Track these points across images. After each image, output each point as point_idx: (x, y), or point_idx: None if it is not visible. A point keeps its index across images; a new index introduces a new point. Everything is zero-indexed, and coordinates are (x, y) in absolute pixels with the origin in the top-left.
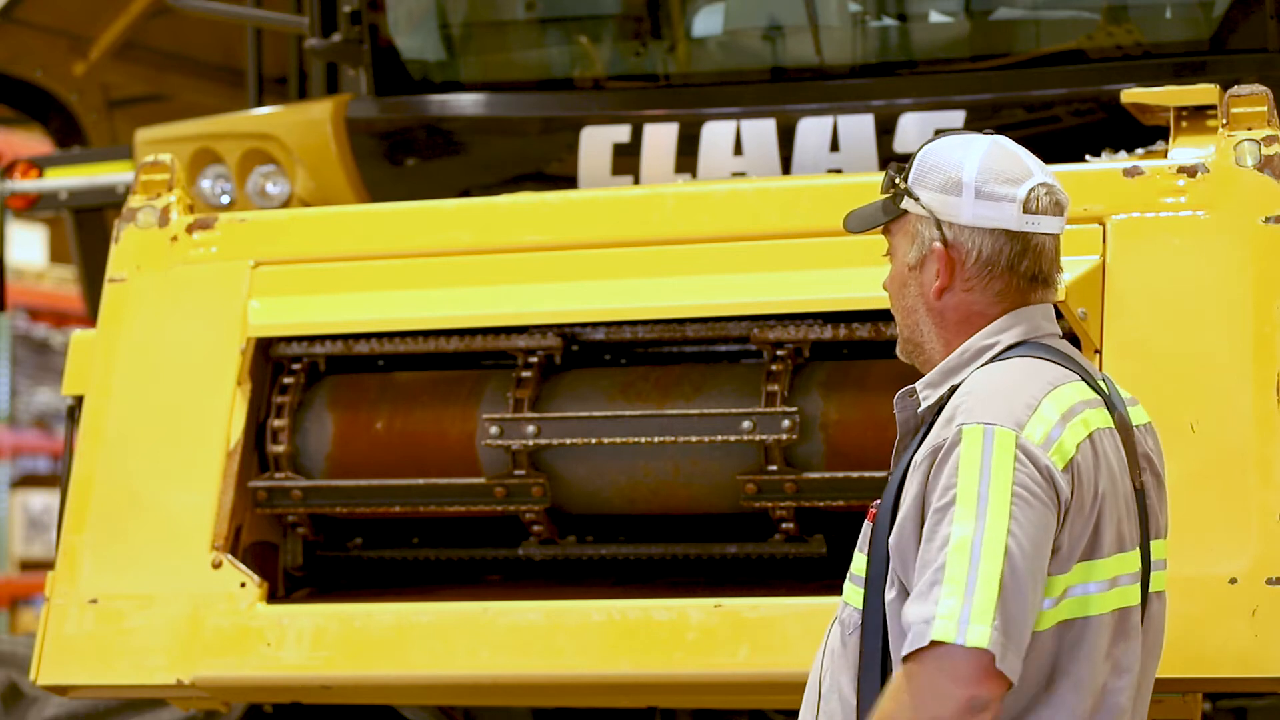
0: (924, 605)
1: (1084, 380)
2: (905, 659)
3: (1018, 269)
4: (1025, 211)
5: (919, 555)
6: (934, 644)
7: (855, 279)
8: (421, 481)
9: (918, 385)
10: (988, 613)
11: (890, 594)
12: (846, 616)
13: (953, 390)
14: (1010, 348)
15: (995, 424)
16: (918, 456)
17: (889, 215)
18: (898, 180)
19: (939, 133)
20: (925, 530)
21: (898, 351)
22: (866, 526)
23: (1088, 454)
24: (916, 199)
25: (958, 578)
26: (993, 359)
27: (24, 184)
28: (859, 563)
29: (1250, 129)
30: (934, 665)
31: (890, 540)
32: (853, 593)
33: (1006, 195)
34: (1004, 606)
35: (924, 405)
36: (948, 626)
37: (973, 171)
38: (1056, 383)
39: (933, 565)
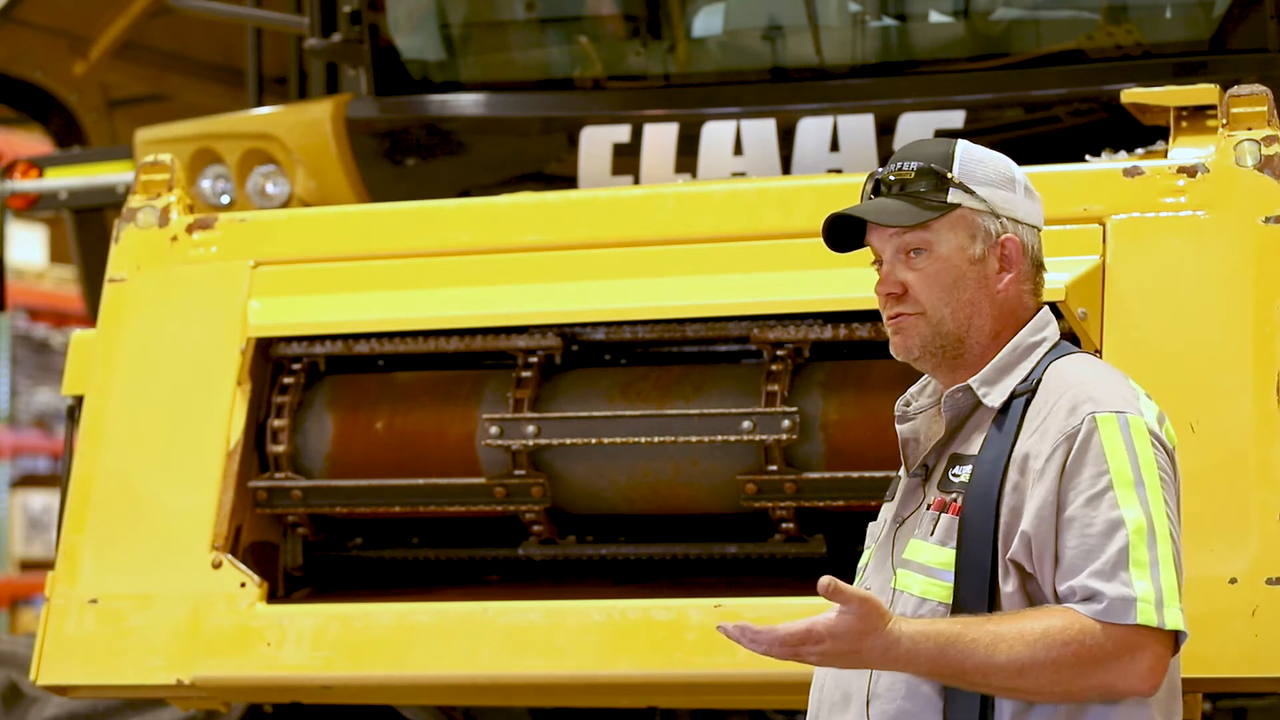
0: (1114, 585)
1: None
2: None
3: (1043, 265)
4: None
5: (1074, 540)
6: (1136, 626)
7: (855, 279)
8: (421, 481)
9: (972, 383)
10: (1175, 595)
11: (1008, 587)
12: (927, 612)
13: (1028, 385)
14: (1055, 345)
15: (1125, 411)
16: (1029, 446)
17: (939, 209)
18: (948, 174)
19: (938, 135)
20: (1075, 515)
21: (907, 347)
22: (943, 519)
23: None
24: (972, 193)
25: (1142, 561)
26: (1046, 354)
27: (24, 184)
28: (941, 555)
29: (1250, 129)
30: (1133, 644)
31: (1024, 527)
32: (931, 587)
33: (1037, 195)
34: (1181, 588)
35: (989, 401)
36: (1149, 611)
37: (1017, 169)
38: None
39: (1106, 549)
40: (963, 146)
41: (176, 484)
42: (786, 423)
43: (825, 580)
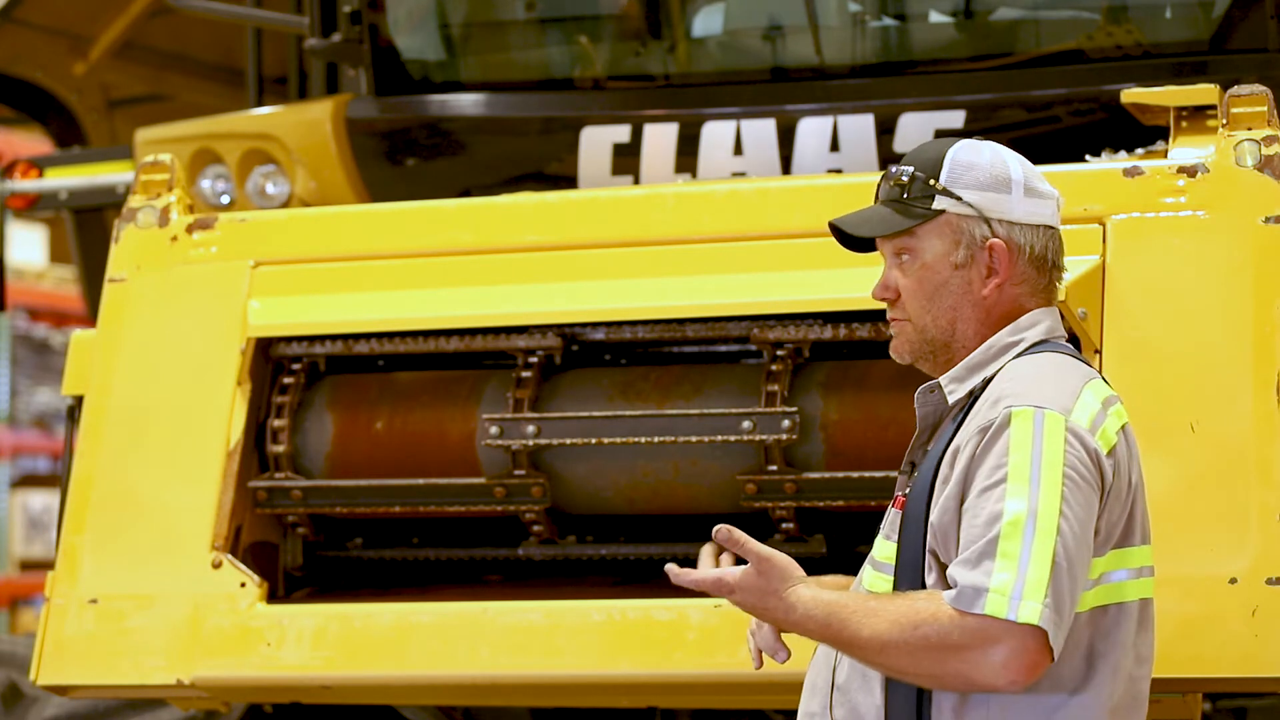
0: (973, 573)
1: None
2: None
3: (1058, 264)
4: (1058, 209)
5: (962, 530)
6: (983, 616)
7: (855, 279)
8: (421, 481)
9: (942, 380)
10: (1040, 590)
11: (930, 578)
12: None
13: (985, 383)
14: (1034, 345)
15: (1045, 407)
16: (959, 439)
17: (917, 218)
18: (931, 181)
19: (938, 135)
20: (970, 505)
21: (901, 352)
22: (894, 514)
23: (1123, 443)
24: (957, 198)
25: (1011, 553)
26: (1020, 354)
27: (24, 184)
28: (887, 550)
29: (1250, 129)
30: (982, 635)
31: (932, 519)
32: (878, 580)
33: (1047, 193)
34: (1055, 585)
35: (952, 399)
36: (999, 601)
37: (1018, 170)
38: (1090, 375)
39: (982, 538)
40: (956, 150)
41: (176, 484)
42: (786, 423)
43: (721, 528)
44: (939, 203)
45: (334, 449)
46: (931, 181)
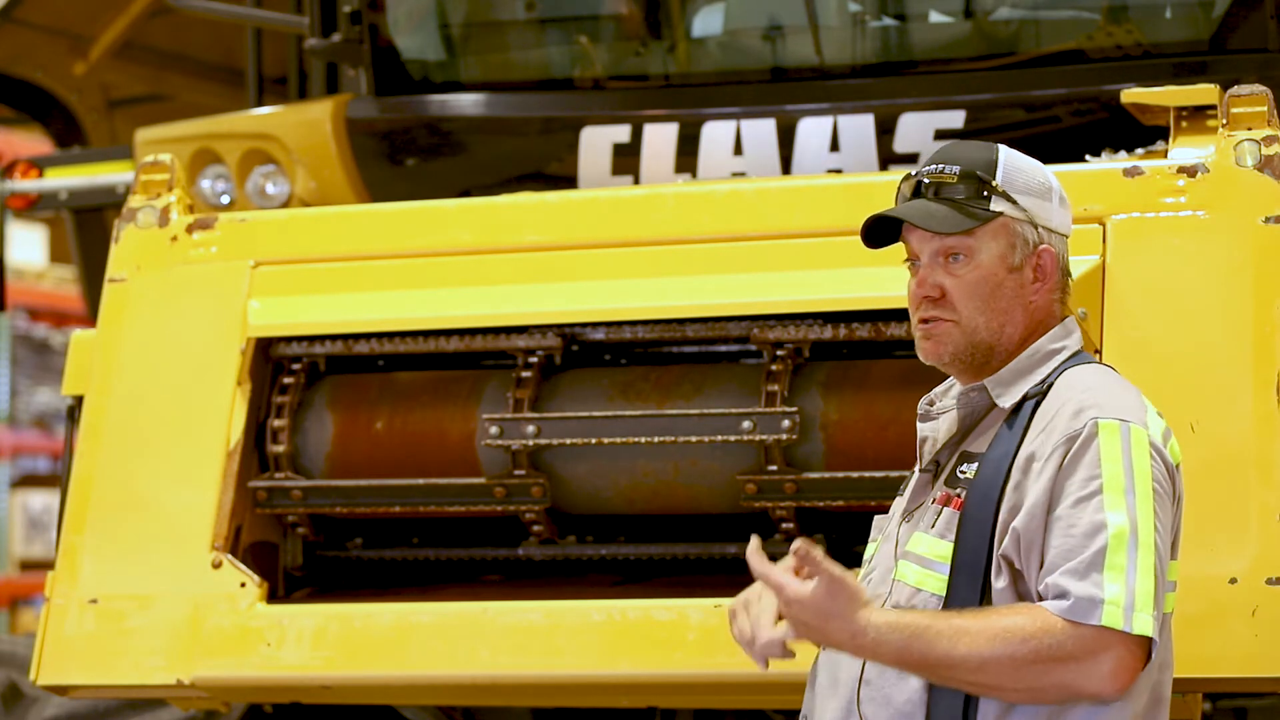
0: (1084, 584)
1: None
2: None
3: (1070, 273)
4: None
5: (1057, 538)
6: (1099, 627)
7: (855, 279)
8: (421, 481)
9: (987, 383)
10: (1149, 602)
11: (1000, 583)
12: (919, 602)
13: (1040, 389)
14: (1075, 354)
15: (1129, 420)
16: (1036, 447)
17: (982, 218)
18: (993, 182)
19: (938, 135)
20: (1062, 515)
21: (939, 352)
22: (946, 513)
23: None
24: (1014, 201)
25: (1118, 565)
26: (1064, 362)
27: (24, 184)
28: (940, 548)
29: (1250, 129)
30: (1096, 645)
31: (1015, 524)
32: (926, 578)
33: (1069, 203)
34: (1158, 597)
35: (1002, 403)
36: (1114, 613)
37: (1053, 178)
38: (1136, 389)
39: (1086, 549)
40: (1005, 153)
41: (176, 484)
42: (786, 423)
43: (800, 543)
44: (997, 204)
45: (334, 449)
46: (992, 182)
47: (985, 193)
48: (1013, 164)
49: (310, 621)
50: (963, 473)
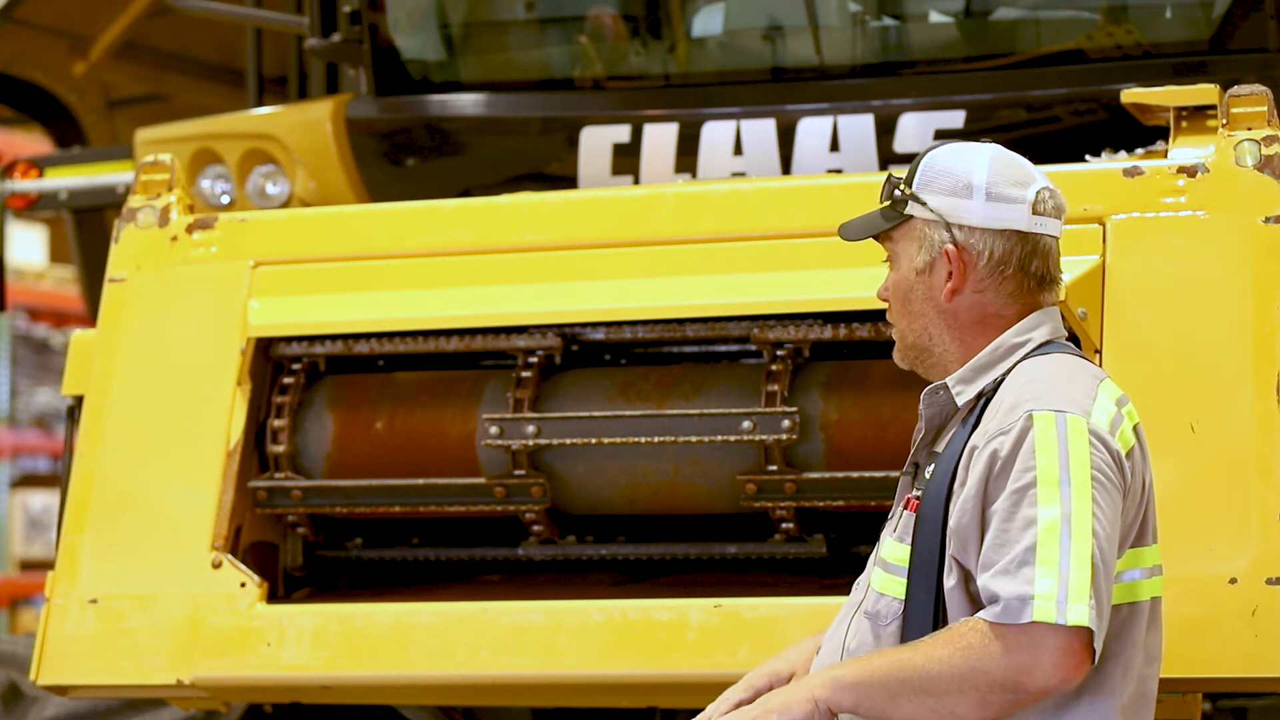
0: (1014, 582)
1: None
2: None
3: (1028, 269)
4: (1034, 213)
5: (991, 536)
6: (1032, 623)
7: (855, 279)
8: (421, 481)
9: (949, 381)
10: (1084, 592)
11: (950, 581)
12: (883, 607)
13: (996, 384)
14: (1041, 345)
15: (1066, 411)
16: (975, 441)
17: (891, 221)
18: (900, 187)
19: (938, 135)
20: (998, 510)
21: (896, 358)
22: (906, 516)
23: (1137, 443)
24: (923, 203)
25: (1050, 558)
26: (1027, 355)
27: (24, 184)
28: (899, 552)
29: (1250, 129)
30: (1030, 642)
31: (950, 523)
32: (889, 583)
33: (1017, 197)
34: (1095, 586)
35: (960, 400)
36: (1047, 607)
37: (983, 174)
38: (1100, 376)
39: (1018, 544)
40: (936, 154)
41: (176, 484)
42: (786, 423)
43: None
44: (910, 208)
45: (334, 449)
46: (904, 186)
47: (902, 197)
48: (936, 165)
49: (310, 621)
50: (927, 474)
